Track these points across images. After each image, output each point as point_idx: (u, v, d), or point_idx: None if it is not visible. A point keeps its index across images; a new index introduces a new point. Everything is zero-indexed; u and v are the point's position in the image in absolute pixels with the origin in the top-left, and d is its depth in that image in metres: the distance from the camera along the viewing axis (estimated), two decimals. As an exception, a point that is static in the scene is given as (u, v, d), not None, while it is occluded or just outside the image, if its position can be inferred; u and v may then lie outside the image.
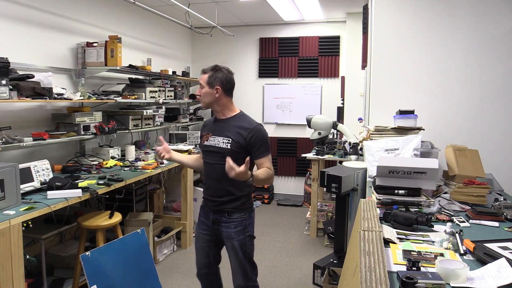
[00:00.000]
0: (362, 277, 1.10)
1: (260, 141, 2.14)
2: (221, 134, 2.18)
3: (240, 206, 2.24)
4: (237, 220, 2.24)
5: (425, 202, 2.01)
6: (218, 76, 2.15)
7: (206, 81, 2.16)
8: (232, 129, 2.16)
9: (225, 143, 2.15)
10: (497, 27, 2.90)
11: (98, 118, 3.46)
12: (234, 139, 2.14)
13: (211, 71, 2.16)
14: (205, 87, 2.16)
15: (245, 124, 2.16)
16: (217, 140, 2.18)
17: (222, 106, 2.20)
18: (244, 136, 2.13)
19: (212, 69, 2.17)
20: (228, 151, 2.12)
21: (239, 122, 2.18)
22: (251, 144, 2.13)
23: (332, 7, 4.89)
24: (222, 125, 2.21)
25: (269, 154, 2.19)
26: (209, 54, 6.13)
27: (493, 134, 2.95)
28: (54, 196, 2.45)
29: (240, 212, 2.24)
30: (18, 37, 3.06)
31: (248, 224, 2.30)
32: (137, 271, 2.62)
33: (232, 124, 2.19)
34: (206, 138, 2.24)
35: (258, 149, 2.14)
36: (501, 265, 1.24)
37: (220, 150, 2.16)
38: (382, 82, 3.15)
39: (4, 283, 1.98)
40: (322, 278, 3.11)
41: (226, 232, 2.25)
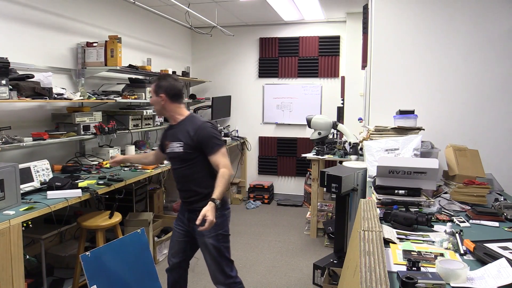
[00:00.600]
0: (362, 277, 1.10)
1: (207, 138, 2.20)
2: (174, 139, 2.28)
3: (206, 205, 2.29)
4: None
5: (425, 202, 2.01)
6: (162, 85, 2.28)
7: (153, 90, 2.31)
8: (182, 132, 2.26)
9: (178, 147, 2.25)
10: (497, 27, 2.90)
11: (98, 118, 3.46)
12: (184, 142, 2.23)
13: (156, 81, 2.32)
14: (153, 96, 2.32)
15: (192, 125, 2.26)
16: (172, 145, 2.28)
17: (170, 112, 2.32)
18: (191, 136, 2.21)
19: (157, 78, 2.33)
20: (182, 153, 2.24)
21: (187, 124, 2.28)
22: (200, 143, 2.21)
23: (332, 7, 4.89)
24: (175, 130, 2.32)
25: (221, 148, 2.23)
26: (209, 54, 6.13)
27: (493, 134, 2.95)
28: (54, 196, 2.45)
29: None
30: (18, 37, 3.06)
31: (220, 222, 2.29)
32: (137, 271, 2.62)
33: (181, 127, 2.29)
34: (167, 146, 2.34)
35: (207, 146, 2.20)
36: (501, 265, 1.24)
37: (176, 155, 2.27)
38: (382, 82, 3.15)
39: (4, 283, 1.98)
40: (322, 278, 3.11)
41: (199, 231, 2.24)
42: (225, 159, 2.22)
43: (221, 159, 2.21)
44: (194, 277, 3.32)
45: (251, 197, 5.84)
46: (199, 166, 2.26)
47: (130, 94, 4.00)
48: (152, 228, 3.55)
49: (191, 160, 2.25)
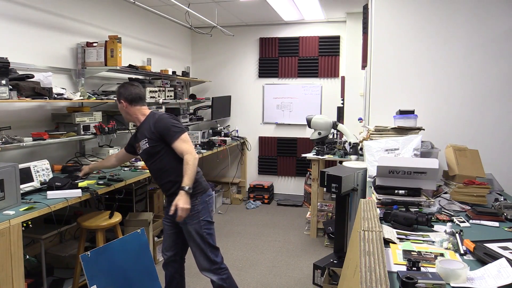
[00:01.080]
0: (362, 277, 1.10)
1: (165, 128, 2.32)
2: (141, 137, 2.41)
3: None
4: None
5: (425, 202, 2.01)
6: (120, 92, 2.46)
7: (117, 97, 2.49)
8: (145, 129, 2.39)
9: (144, 144, 2.39)
10: (497, 27, 2.90)
11: (98, 118, 3.46)
12: (148, 137, 2.37)
13: (117, 89, 2.49)
14: (118, 103, 2.48)
15: (152, 120, 2.39)
16: (141, 144, 2.42)
17: (133, 115, 2.46)
18: (152, 130, 2.34)
19: (118, 87, 2.49)
20: (149, 148, 2.37)
21: (148, 121, 2.41)
22: (160, 134, 2.33)
23: (332, 7, 4.89)
24: (140, 130, 2.45)
25: (180, 135, 2.31)
26: (209, 54, 6.13)
27: (493, 134, 2.95)
28: (54, 196, 2.45)
29: (191, 198, 2.32)
30: (18, 37, 3.06)
31: (202, 209, 2.40)
32: (137, 271, 2.62)
33: (144, 125, 2.42)
34: (138, 147, 2.47)
35: (167, 135, 2.31)
36: (501, 265, 1.24)
37: (145, 152, 2.41)
38: (382, 82, 3.15)
39: (4, 283, 1.98)
40: (322, 278, 3.11)
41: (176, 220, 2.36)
42: (186, 144, 2.30)
43: (182, 145, 2.30)
44: (193, 277, 3.32)
45: (251, 197, 5.84)
46: (168, 157, 2.36)
47: (130, 94, 3.99)
48: (152, 228, 3.55)
49: (159, 153, 2.36)
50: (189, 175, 2.25)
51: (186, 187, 2.22)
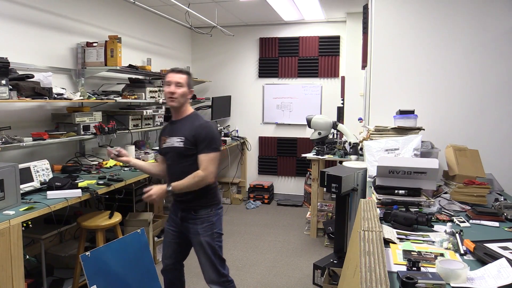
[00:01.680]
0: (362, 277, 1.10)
1: (205, 137, 2.20)
2: (176, 134, 2.26)
3: (206, 203, 2.29)
4: (203, 216, 2.28)
5: (425, 202, 2.01)
6: (191, 80, 2.32)
7: (187, 82, 2.26)
8: (185, 128, 2.25)
9: (179, 142, 2.23)
10: (497, 27, 2.90)
11: (98, 118, 3.46)
12: (186, 137, 2.21)
13: (187, 74, 2.28)
14: (184, 87, 2.25)
15: (196, 121, 2.26)
16: (172, 140, 2.26)
17: (185, 107, 2.31)
18: (193, 133, 2.21)
19: (187, 72, 2.30)
20: (182, 149, 2.22)
21: (191, 121, 2.27)
22: (197, 139, 2.20)
23: (332, 7, 4.89)
24: (178, 125, 2.29)
25: (213, 152, 2.21)
26: (209, 54, 6.13)
27: (493, 134, 2.95)
28: (54, 196, 2.45)
29: (206, 209, 2.28)
30: (18, 37, 3.06)
31: (216, 221, 2.32)
32: (137, 271, 2.62)
33: (184, 123, 2.28)
34: (164, 141, 2.33)
35: (201, 143, 2.20)
36: (501, 265, 1.24)
37: (175, 150, 2.25)
38: (382, 82, 3.15)
39: (4, 283, 1.98)
40: (322, 278, 3.11)
41: (193, 229, 2.29)
42: (211, 164, 2.20)
43: (208, 162, 2.19)
44: (193, 278, 3.32)
45: (251, 197, 5.84)
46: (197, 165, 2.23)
47: (130, 94, 4.00)
48: (152, 228, 3.55)
49: (190, 157, 2.22)
50: (185, 184, 2.17)
51: (171, 188, 2.17)
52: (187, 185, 2.18)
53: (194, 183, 2.18)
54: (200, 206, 2.28)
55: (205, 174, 2.18)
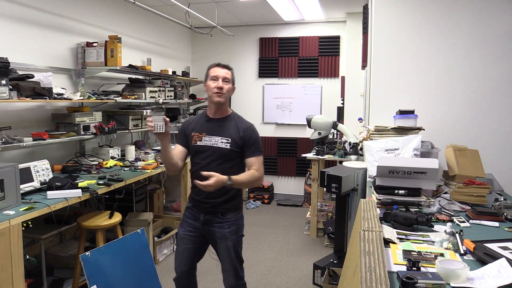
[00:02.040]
0: (362, 277, 1.10)
1: (255, 141, 2.15)
2: (218, 133, 2.15)
3: (234, 205, 2.22)
4: (231, 220, 2.20)
5: (425, 202, 2.01)
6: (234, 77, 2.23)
7: (232, 78, 2.18)
8: (230, 129, 2.15)
9: (225, 143, 2.12)
10: (497, 27, 2.90)
11: (98, 118, 3.46)
12: (233, 139, 2.13)
13: (232, 69, 2.19)
14: (230, 84, 2.17)
15: (242, 124, 2.18)
16: (214, 140, 2.14)
17: (226, 105, 2.22)
18: (241, 135, 2.13)
19: (231, 68, 2.21)
20: (227, 151, 2.12)
21: (235, 122, 2.19)
22: (246, 143, 2.14)
23: (332, 7, 4.89)
24: (218, 124, 2.18)
25: (260, 155, 2.18)
26: (209, 54, 6.13)
27: (493, 134, 2.95)
28: (54, 196, 2.45)
29: (234, 212, 2.22)
30: (18, 37, 3.06)
31: (242, 224, 2.28)
32: (137, 271, 2.62)
33: (228, 123, 2.18)
34: (199, 137, 2.17)
35: (250, 147, 2.14)
36: (501, 265, 1.24)
37: (218, 150, 2.13)
38: (382, 82, 3.15)
39: (4, 283, 1.98)
40: (322, 278, 3.11)
41: (220, 233, 2.18)
42: (262, 167, 2.17)
43: (259, 165, 2.16)
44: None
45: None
46: (238, 168, 2.16)
47: (130, 94, 4.00)
48: (152, 228, 3.55)
49: (234, 160, 2.14)
50: (244, 181, 2.09)
51: (231, 181, 2.00)
52: (246, 181, 2.11)
53: (251, 181, 2.13)
54: (228, 209, 2.20)
55: (260, 175, 2.15)
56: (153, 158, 3.79)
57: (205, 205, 2.19)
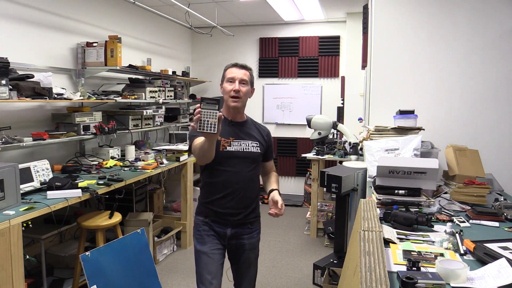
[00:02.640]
0: (362, 277, 1.10)
1: (271, 144, 2.17)
2: (248, 137, 2.00)
3: (258, 212, 2.12)
4: (257, 228, 2.10)
5: (425, 202, 2.01)
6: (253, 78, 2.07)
7: (250, 80, 2.00)
8: (255, 132, 2.06)
9: (255, 147, 2.00)
10: (497, 27, 2.90)
11: (98, 118, 3.46)
12: (261, 142, 2.04)
13: (250, 70, 2.02)
14: (248, 86, 1.99)
15: (261, 127, 2.13)
16: (245, 144, 1.98)
17: (243, 109, 2.04)
18: (265, 138, 2.09)
19: (250, 68, 2.03)
20: (257, 155, 2.02)
21: (254, 125, 2.10)
22: (269, 147, 2.12)
23: (332, 7, 4.89)
24: (243, 128, 2.02)
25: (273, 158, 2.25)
26: (209, 54, 6.13)
27: (493, 134, 2.95)
28: (54, 196, 2.45)
29: (259, 218, 2.12)
30: (18, 37, 3.06)
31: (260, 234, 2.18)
32: (137, 271, 2.62)
33: (251, 126, 2.07)
34: (227, 143, 1.94)
35: (269, 148, 2.13)
36: (501, 265, 1.24)
37: (250, 155, 1.98)
38: (382, 82, 3.15)
39: (4, 283, 1.98)
40: (322, 278, 3.11)
41: (250, 244, 2.05)
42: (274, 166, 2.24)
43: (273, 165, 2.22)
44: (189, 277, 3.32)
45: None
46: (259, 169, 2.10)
47: (130, 94, 4.00)
48: (152, 228, 3.55)
49: (259, 163, 2.08)
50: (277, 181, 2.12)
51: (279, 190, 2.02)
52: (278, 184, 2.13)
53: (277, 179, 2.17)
54: (256, 216, 2.08)
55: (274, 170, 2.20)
56: (153, 158, 3.79)
57: (233, 217, 1.98)
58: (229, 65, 2.02)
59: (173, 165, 3.80)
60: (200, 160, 1.89)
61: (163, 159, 3.79)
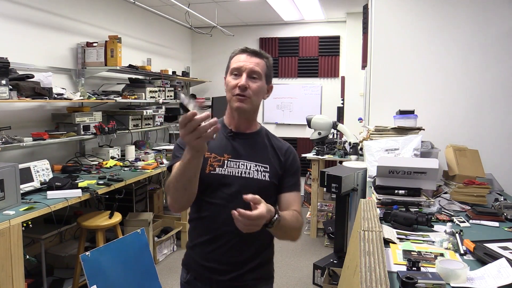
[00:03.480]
0: (362, 277, 1.10)
1: (297, 170, 1.44)
2: (250, 157, 1.37)
3: (268, 272, 1.45)
4: None
5: (425, 202, 2.01)
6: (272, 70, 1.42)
7: (266, 72, 1.37)
8: (265, 150, 1.41)
9: (262, 172, 1.35)
10: (497, 27, 2.90)
11: (98, 118, 3.46)
12: (273, 166, 1.38)
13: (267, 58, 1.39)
14: (262, 81, 1.36)
15: (279, 143, 1.45)
16: (245, 166, 1.35)
17: (254, 115, 1.43)
18: (282, 160, 1.41)
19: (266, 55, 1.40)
20: (265, 184, 1.34)
21: (269, 140, 1.45)
22: (287, 172, 1.41)
23: (332, 7, 4.89)
24: (247, 142, 1.40)
25: (299, 192, 1.43)
26: (209, 54, 6.13)
27: (493, 134, 2.95)
28: (54, 196, 2.45)
29: (267, 283, 1.45)
30: (18, 37, 3.06)
31: None
32: (137, 271, 2.62)
33: (261, 142, 1.43)
34: (219, 162, 1.34)
35: (292, 178, 1.41)
36: (501, 265, 1.24)
37: (251, 184, 1.32)
38: (382, 82, 3.15)
39: (4, 283, 1.98)
40: (322, 278, 3.11)
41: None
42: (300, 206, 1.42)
43: (298, 203, 1.40)
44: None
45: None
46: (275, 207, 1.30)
47: (130, 94, 4.00)
48: (152, 228, 3.55)
49: (272, 198, 1.37)
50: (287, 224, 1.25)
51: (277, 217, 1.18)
52: (288, 225, 1.26)
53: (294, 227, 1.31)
54: (260, 279, 1.41)
55: (301, 215, 1.38)
56: (153, 158, 3.79)
57: (219, 276, 1.35)
58: (237, 50, 1.40)
59: (173, 165, 3.79)
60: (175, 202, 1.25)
61: (163, 159, 3.79)
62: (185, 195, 1.22)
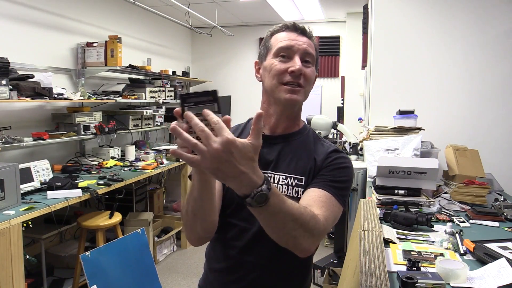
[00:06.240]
0: (362, 277, 1.10)
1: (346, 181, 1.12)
2: (283, 167, 1.10)
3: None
4: None
5: (425, 202, 2.01)
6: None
7: (316, 56, 1.13)
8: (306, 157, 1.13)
9: (294, 187, 1.08)
10: (497, 27, 2.90)
11: (98, 118, 3.46)
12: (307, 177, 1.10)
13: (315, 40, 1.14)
14: (313, 67, 1.12)
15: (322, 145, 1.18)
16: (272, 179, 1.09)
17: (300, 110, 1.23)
18: (318, 165, 1.12)
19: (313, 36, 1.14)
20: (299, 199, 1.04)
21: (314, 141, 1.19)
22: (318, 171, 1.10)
23: (332, 7, 4.89)
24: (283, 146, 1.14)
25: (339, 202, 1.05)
26: (209, 54, 6.13)
27: (493, 134, 2.95)
28: (54, 196, 2.45)
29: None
30: (18, 37, 3.06)
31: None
32: (137, 271, 2.62)
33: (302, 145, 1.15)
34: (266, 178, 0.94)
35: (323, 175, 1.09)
36: (501, 265, 1.24)
37: None
38: (382, 82, 3.15)
39: (4, 283, 1.98)
40: (322, 278, 3.11)
41: None
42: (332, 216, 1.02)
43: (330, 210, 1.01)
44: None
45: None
46: None
47: (130, 94, 4.00)
48: (152, 228, 3.55)
49: None
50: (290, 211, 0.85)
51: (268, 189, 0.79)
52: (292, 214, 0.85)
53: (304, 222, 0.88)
54: None
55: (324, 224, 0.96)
56: (153, 158, 3.79)
57: None
58: (279, 27, 1.13)
59: (173, 165, 3.79)
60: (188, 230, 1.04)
61: (163, 159, 3.79)
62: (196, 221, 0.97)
